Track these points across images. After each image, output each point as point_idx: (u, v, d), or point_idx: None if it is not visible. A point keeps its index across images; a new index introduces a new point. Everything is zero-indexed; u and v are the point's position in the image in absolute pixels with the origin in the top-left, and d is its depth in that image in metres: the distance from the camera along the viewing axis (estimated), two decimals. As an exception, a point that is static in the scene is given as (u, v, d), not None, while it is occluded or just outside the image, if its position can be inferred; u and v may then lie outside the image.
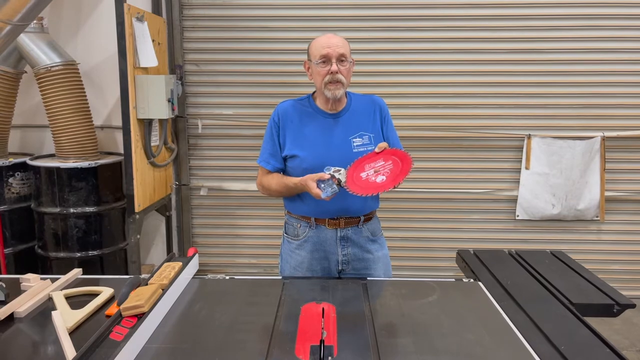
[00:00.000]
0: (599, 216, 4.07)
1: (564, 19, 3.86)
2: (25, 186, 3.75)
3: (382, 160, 1.99)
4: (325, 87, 2.07)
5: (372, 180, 1.95)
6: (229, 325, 1.64)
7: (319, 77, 2.07)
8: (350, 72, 2.11)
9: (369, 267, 2.21)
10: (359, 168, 1.99)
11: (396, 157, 1.99)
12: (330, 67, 2.03)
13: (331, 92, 2.07)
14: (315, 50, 2.07)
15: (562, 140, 3.96)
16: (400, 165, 1.97)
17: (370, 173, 1.97)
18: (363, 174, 1.97)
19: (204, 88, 4.11)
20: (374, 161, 2.00)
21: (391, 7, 3.90)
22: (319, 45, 2.07)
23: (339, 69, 2.04)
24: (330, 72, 2.03)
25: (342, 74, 2.05)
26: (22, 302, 1.75)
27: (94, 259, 3.63)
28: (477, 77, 3.96)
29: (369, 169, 1.98)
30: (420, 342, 1.53)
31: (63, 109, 3.54)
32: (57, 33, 3.88)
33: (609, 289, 1.99)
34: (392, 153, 2.01)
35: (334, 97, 2.08)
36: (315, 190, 1.95)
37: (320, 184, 1.95)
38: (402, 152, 2.00)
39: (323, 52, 2.04)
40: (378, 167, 1.98)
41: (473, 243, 4.12)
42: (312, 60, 2.09)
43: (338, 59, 2.04)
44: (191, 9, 4.01)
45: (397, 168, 1.97)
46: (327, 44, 2.05)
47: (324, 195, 1.93)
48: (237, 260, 4.33)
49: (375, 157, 2.00)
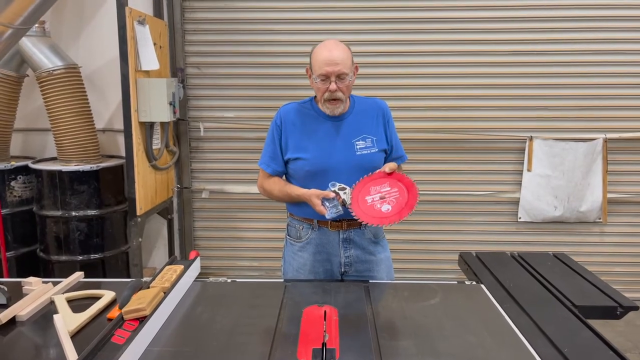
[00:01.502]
0: (602, 218, 4.06)
1: (566, 21, 3.86)
2: (27, 189, 3.75)
3: (388, 185, 1.99)
4: (324, 104, 2.09)
5: (377, 208, 1.96)
6: (231, 328, 1.63)
7: (319, 92, 2.08)
8: (350, 85, 2.09)
9: (372, 269, 2.21)
10: (365, 190, 1.98)
11: (403, 186, 1.99)
12: (329, 86, 2.03)
13: (330, 110, 2.09)
14: (316, 66, 2.04)
15: (564, 142, 3.95)
16: (407, 197, 1.97)
17: (375, 198, 1.97)
18: (368, 198, 1.97)
19: (206, 91, 4.12)
20: (380, 184, 1.99)
21: (393, 10, 3.91)
22: (320, 61, 2.02)
23: (338, 87, 2.03)
24: (329, 91, 2.03)
25: (341, 91, 2.04)
26: (23, 305, 1.75)
27: (96, 262, 3.63)
28: (479, 79, 3.96)
29: (375, 193, 1.98)
30: (422, 345, 1.53)
31: (65, 112, 3.54)
32: (59, 36, 3.89)
33: (612, 291, 1.98)
34: (400, 179, 2.01)
35: (332, 114, 2.10)
36: (319, 207, 1.96)
37: (324, 202, 1.96)
38: (409, 180, 2.00)
39: (322, 72, 2.01)
40: (384, 193, 1.98)
41: (475, 245, 4.11)
42: (313, 72, 2.08)
43: (338, 77, 2.02)
44: (193, 12, 4.02)
45: (402, 199, 1.97)
46: (328, 60, 2.00)
47: (328, 216, 1.95)
48: (239, 263, 4.33)
49: (382, 180, 2.00)
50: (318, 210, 1.97)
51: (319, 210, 1.96)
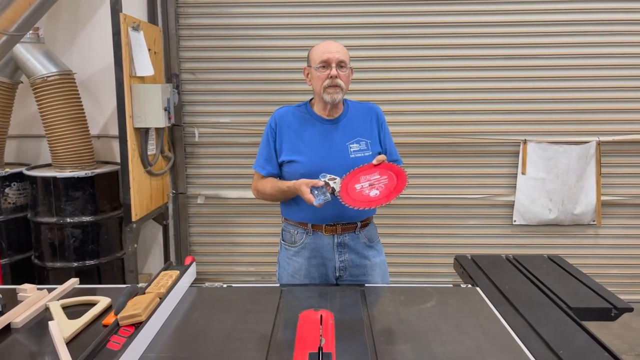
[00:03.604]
0: (596, 220, 4.08)
1: (559, 25, 3.89)
2: (22, 196, 3.74)
3: (378, 173, 2.00)
4: (325, 91, 2.09)
5: (366, 193, 1.97)
6: (227, 333, 1.63)
7: (319, 81, 2.09)
8: (349, 79, 2.14)
9: (367, 273, 2.21)
10: (355, 179, 2.00)
11: (392, 173, 2.01)
12: (330, 72, 2.06)
13: (330, 95, 2.08)
14: (316, 56, 2.11)
15: (558, 145, 3.97)
16: (395, 182, 1.98)
17: (364, 185, 1.98)
18: (357, 186, 1.98)
19: (201, 96, 4.12)
20: (370, 173, 2.01)
21: (386, 15, 3.92)
22: (320, 51, 2.10)
23: (338, 74, 2.07)
24: (330, 77, 2.06)
25: (341, 79, 2.08)
26: (18, 312, 1.74)
27: (91, 269, 3.61)
28: (473, 82, 3.99)
29: (364, 181, 1.99)
30: (418, 348, 1.53)
31: (59, 118, 3.54)
32: (54, 43, 3.88)
33: (607, 293, 1.99)
34: (389, 168, 2.02)
35: (332, 100, 2.09)
36: (308, 195, 1.96)
37: (313, 191, 1.96)
38: (398, 167, 2.02)
39: (323, 57, 2.07)
40: (373, 180, 1.99)
41: (470, 248, 4.11)
42: (312, 65, 2.12)
43: (338, 64, 2.07)
44: (187, 18, 4.02)
45: (391, 184, 1.98)
46: (328, 49, 2.09)
47: (316, 202, 1.95)
48: (235, 268, 4.32)
49: (372, 170, 2.01)
50: (307, 198, 1.96)
51: (307, 198, 1.96)
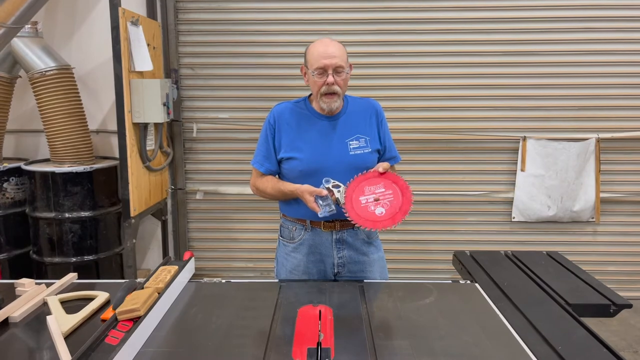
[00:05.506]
0: (595, 217, 4.09)
1: (558, 22, 3.89)
2: (20, 191, 3.73)
3: (382, 186, 1.98)
4: (321, 98, 2.07)
5: (371, 210, 1.94)
6: (226, 328, 1.63)
7: (315, 86, 2.07)
8: (347, 80, 2.10)
9: (365, 269, 2.21)
10: (359, 189, 1.97)
11: (397, 188, 1.98)
12: (326, 79, 2.02)
13: (327, 104, 2.07)
14: (312, 59, 2.05)
15: (557, 142, 3.97)
16: (401, 201, 1.95)
17: (370, 200, 1.96)
18: (362, 199, 1.96)
19: (200, 92, 4.11)
20: (374, 184, 1.98)
21: (385, 11, 3.92)
22: (317, 55, 2.03)
23: (335, 80, 2.03)
24: (327, 84, 2.03)
25: (338, 84, 2.04)
26: (16, 307, 1.73)
27: (90, 264, 3.61)
28: (472, 79, 3.98)
29: (369, 193, 1.97)
30: (417, 344, 1.53)
31: (58, 113, 3.53)
32: (52, 37, 3.87)
33: (605, 290, 1.99)
34: (395, 181, 1.99)
35: (329, 109, 2.09)
36: (312, 204, 1.95)
37: (318, 200, 1.95)
38: (403, 182, 1.98)
39: (320, 64, 2.01)
40: (378, 194, 1.96)
41: (469, 245, 4.12)
42: (309, 68, 2.07)
43: (335, 70, 2.02)
44: (186, 13, 4.01)
45: (397, 202, 1.95)
46: (324, 54, 2.02)
47: (321, 215, 1.94)
48: (233, 264, 4.32)
49: (376, 180, 1.99)
50: (311, 206, 1.95)
51: (312, 207, 1.95)
